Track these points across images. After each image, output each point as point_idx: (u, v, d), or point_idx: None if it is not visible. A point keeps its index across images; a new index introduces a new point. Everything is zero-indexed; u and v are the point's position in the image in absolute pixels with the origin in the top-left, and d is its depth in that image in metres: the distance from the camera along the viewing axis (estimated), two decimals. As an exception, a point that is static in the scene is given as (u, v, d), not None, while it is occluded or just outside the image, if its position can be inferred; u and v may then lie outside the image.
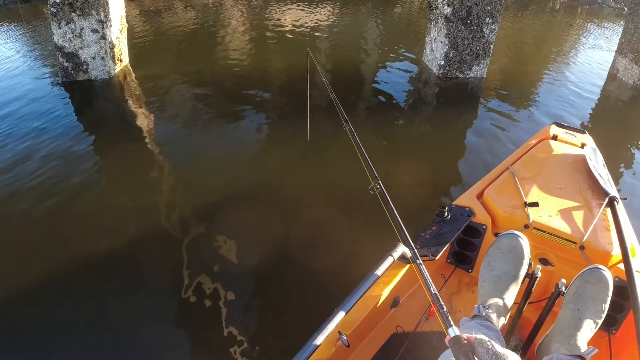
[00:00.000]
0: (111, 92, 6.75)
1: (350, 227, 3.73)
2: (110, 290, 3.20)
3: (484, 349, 1.31)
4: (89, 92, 6.70)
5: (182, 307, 3.08)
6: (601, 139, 3.64)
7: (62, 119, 5.72)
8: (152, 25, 10.13)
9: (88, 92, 6.68)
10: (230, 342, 2.83)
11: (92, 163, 4.75)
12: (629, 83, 7.43)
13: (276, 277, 3.35)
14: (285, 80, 7.34)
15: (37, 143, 5.10)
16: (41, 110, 5.98)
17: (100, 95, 6.66)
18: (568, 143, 3.20)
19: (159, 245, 3.63)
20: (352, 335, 1.97)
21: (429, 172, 4.63)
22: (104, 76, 6.98)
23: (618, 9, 13.55)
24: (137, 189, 4.35)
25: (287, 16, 11.16)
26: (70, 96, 6.52)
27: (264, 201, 4.14)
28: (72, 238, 3.64)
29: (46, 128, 5.47)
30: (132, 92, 6.75)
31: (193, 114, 5.96)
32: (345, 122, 2.82)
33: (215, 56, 8.40)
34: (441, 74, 7.25)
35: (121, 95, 6.68)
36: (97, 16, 6.56)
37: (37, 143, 5.10)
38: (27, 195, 4.23)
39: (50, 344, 2.83)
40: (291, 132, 5.29)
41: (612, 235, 2.32)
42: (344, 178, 4.20)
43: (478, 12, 6.73)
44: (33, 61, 8.03)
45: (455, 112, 6.25)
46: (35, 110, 5.95)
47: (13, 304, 3.09)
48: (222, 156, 4.94)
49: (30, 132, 5.37)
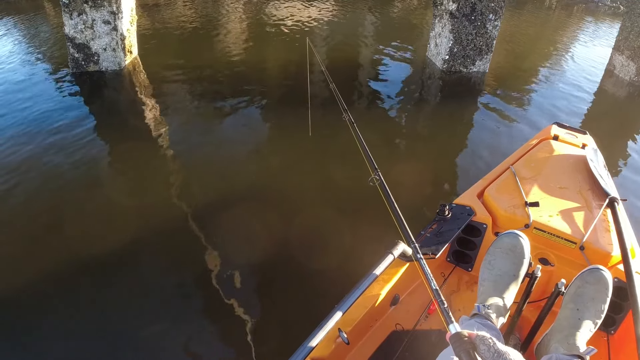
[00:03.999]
0: (122, 84, 6.68)
1: (351, 224, 3.65)
2: (110, 290, 3.12)
3: (485, 346, 1.26)
4: (100, 83, 6.62)
5: (182, 307, 3.03)
6: (601, 138, 3.58)
7: (72, 110, 5.66)
8: (152, 19, 10.01)
9: (98, 83, 6.60)
10: (230, 339, 2.79)
11: (96, 157, 4.67)
12: (626, 79, 7.50)
13: (275, 275, 3.28)
14: (285, 74, 7.26)
15: (43, 136, 5.02)
16: (51, 100, 5.90)
17: (110, 86, 6.59)
18: (569, 143, 3.13)
19: (158, 244, 3.54)
20: (352, 333, 1.93)
21: (430, 169, 4.57)
22: (115, 67, 6.91)
23: (614, 8, 13.44)
24: (137, 187, 4.26)
25: (286, 11, 11.03)
26: (81, 87, 6.44)
27: (264, 198, 4.06)
28: (71, 234, 3.57)
29: (55, 118, 5.40)
30: (142, 83, 6.68)
31: (196, 109, 5.89)
32: (345, 112, 2.74)
33: (215, 50, 8.32)
34: (445, 68, 7.30)
35: (131, 87, 6.61)
36: (109, 8, 6.48)
37: (42, 135, 5.02)
38: (29, 187, 4.16)
39: (51, 343, 2.76)
40: (292, 128, 5.21)
41: (612, 236, 2.28)
42: (346, 175, 4.15)
43: (482, 8, 6.78)
44: (40, 53, 7.93)
45: (458, 107, 6.21)
46: (44, 101, 5.87)
47: (13, 304, 3.00)
48: (223, 152, 4.84)
49: (38, 123, 5.30)
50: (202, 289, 3.15)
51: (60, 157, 4.60)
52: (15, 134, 5.04)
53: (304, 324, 1.87)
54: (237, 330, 2.82)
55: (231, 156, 4.76)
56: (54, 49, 8.06)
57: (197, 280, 3.23)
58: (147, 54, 7.70)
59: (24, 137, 4.98)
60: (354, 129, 2.56)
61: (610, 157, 4.22)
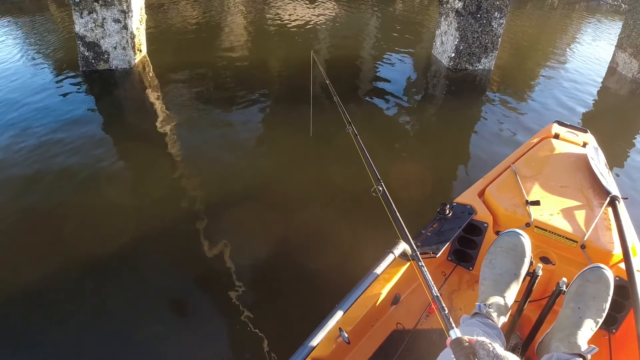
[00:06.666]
0: (131, 82, 6.67)
1: (351, 225, 3.60)
2: (110, 289, 3.08)
3: (484, 351, 1.24)
4: (109, 81, 6.60)
5: (182, 306, 2.99)
6: (602, 136, 3.53)
7: (81, 108, 5.66)
8: (157, 19, 9.98)
9: (108, 81, 6.58)
10: (230, 339, 2.76)
11: (102, 157, 4.61)
12: (628, 76, 7.48)
13: (276, 275, 3.24)
14: (288, 75, 7.21)
15: (50, 134, 5.00)
16: (60, 98, 5.91)
17: (120, 84, 6.57)
18: (570, 142, 3.08)
19: (159, 243, 3.49)
20: (353, 332, 1.91)
21: (432, 169, 4.52)
22: (125, 66, 6.89)
23: (616, 6, 13.33)
24: (139, 187, 4.21)
25: (291, 11, 10.97)
26: (91, 85, 6.43)
27: (265, 199, 4.01)
28: (72, 234, 3.54)
29: (64, 116, 5.39)
30: (151, 82, 6.67)
31: (201, 107, 5.85)
32: (349, 125, 2.70)
33: (220, 49, 8.26)
34: (451, 65, 7.27)
35: (141, 85, 6.60)
36: (119, 6, 6.46)
37: (49, 133, 5.00)
38: (32, 186, 4.13)
39: (51, 343, 2.72)
40: (294, 128, 5.16)
41: (613, 235, 2.24)
42: (346, 175, 4.09)
43: (487, 6, 6.76)
44: (47, 52, 7.93)
45: (464, 105, 6.17)
46: (53, 99, 5.87)
47: (13, 303, 2.97)
48: (225, 152, 4.78)
49: (46, 120, 5.28)
50: (202, 289, 3.11)
51: (65, 155, 4.58)
52: (22, 132, 5.04)
53: (304, 323, 1.85)
54: (238, 329, 2.78)
55: (233, 155, 4.71)
56: (61, 47, 8.07)
57: (197, 280, 3.19)
58: (154, 52, 7.69)
59: (30, 134, 4.98)
60: (358, 141, 2.52)
61: (612, 155, 4.16)
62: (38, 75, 6.73)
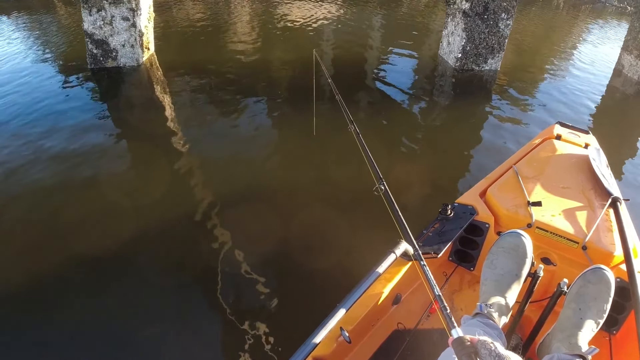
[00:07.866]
0: (139, 80, 6.69)
1: (353, 224, 3.57)
2: (110, 289, 3.06)
3: (486, 350, 1.24)
4: (117, 78, 6.62)
5: (182, 306, 2.97)
6: (606, 138, 3.51)
7: (88, 105, 5.68)
8: (163, 18, 9.98)
9: (116, 79, 6.61)
10: (231, 339, 2.73)
11: (105, 153, 4.63)
12: (634, 79, 7.47)
13: (277, 274, 3.22)
14: (292, 74, 7.21)
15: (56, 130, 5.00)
16: (68, 95, 5.92)
17: (128, 82, 6.59)
18: (572, 143, 3.06)
19: (159, 243, 3.48)
20: (354, 332, 1.90)
21: (435, 170, 4.51)
22: (133, 63, 6.92)
23: (621, 8, 13.26)
24: (140, 186, 4.19)
25: (295, 10, 10.97)
26: (99, 83, 6.45)
27: (267, 197, 3.99)
28: (73, 233, 3.52)
29: (71, 113, 5.40)
30: (158, 80, 6.68)
31: (205, 106, 5.86)
32: (351, 123, 2.68)
33: (225, 48, 8.29)
34: (458, 66, 7.27)
35: (148, 83, 6.62)
36: (128, 4, 6.49)
37: (56, 130, 5.00)
38: (35, 184, 4.12)
39: (51, 344, 2.71)
40: (297, 127, 5.17)
41: (615, 236, 2.22)
42: (348, 175, 4.07)
43: (494, 7, 6.76)
44: (55, 49, 7.95)
45: (469, 106, 6.14)
46: (60, 96, 5.88)
47: (14, 303, 2.95)
48: (227, 151, 4.76)
49: (53, 117, 5.29)
50: (203, 289, 3.10)
51: (69, 153, 4.59)
52: (25, 127, 5.05)
53: (305, 322, 1.84)
54: (238, 329, 2.77)
55: (235, 154, 4.69)
56: (69, 45, 8.09)
57: (197, 280, 3.17)
58: (161, 50, 7.70)
59: (34, 131, 4.99)
60: (360, 140, 2.51)
61: (615, 157, 4.13)
62: (45, 72, 6.75)
